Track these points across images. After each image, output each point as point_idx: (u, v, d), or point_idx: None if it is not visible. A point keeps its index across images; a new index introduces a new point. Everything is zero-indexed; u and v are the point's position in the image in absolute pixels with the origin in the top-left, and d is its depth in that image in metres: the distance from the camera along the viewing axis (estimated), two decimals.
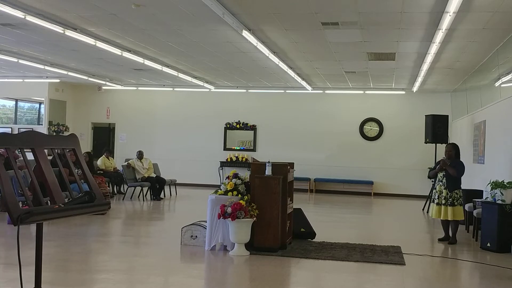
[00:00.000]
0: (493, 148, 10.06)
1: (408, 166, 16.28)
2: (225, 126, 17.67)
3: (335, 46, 10.16)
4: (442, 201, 8.17)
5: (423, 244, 8.27)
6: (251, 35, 9.09)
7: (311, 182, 16.82)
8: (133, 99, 18.18)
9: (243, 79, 15.43)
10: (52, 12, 8.27)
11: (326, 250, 7.21)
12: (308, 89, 16.25)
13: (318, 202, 14.68)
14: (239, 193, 6.99)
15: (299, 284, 5.83)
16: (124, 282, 5.60)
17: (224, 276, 6.20)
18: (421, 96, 16.18)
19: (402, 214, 12.52)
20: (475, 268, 6.76)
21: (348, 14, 7.93)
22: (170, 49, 11.06)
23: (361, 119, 16.88)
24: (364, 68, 12.58)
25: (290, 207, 7.58)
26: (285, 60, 11.89)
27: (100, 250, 7.26)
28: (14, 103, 18.25)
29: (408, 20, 8.17)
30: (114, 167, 14.48)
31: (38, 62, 13.11)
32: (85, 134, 18.13)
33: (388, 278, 6.00)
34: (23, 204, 7.50)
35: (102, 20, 8.63)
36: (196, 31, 9.33)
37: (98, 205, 3.07)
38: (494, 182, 7.82)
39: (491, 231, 7.61)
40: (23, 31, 9.66)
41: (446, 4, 7.04)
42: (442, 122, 12.98)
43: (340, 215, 12.01)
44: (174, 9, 7.84)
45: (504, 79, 10.21)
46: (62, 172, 3.21)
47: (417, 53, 10.59)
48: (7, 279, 5.45)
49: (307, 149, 16.78)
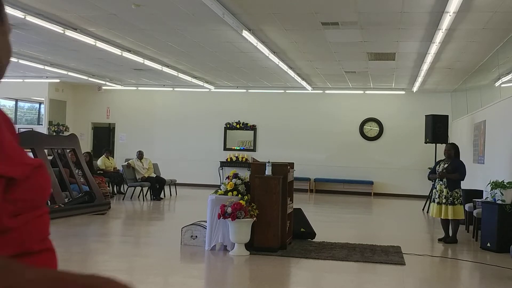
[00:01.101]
0: (493, 148, 10.06)
1: (408, 166, 16.28)
2: (225, 126, 17.66)
3: (335, 46, 10.16)
4: (443, 200, 8.17)
5: (423, 244, 8.27)
6: (251, 35, 9.09)
7: (311, 182, 16.82)
8: (133, 99, 18.18)
9: (243, 79, 15.43)
10: (52, 12, 8.27)
11: (326, 250, 7.21)
12: (308, 89, 16.25)
13: (318, 202, 14.68)
14: (239, 193, 6.99)
15: (299, 284, 5.83)
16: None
17: (224, 276, 6.20)
18: (421, 96, 16.18)
19: (402, 214, 12.52)
20: (475, 268, 6.76)
21: (348, 14, 7.93)
22: (170, 49, 11.06)
23: (361, 119, 16.88)
24: (364, 68, 12.58)
25: (290, 207, 7.58)
26: (285, 60, 11.89)
27: (100, 250, 7.26)
28: (14, 103, 18.26)
29: (408, 20, 8.17)
30: (114, 167, 14.48)
31: (38, 62, 13.12)
32: (85, 134, 18.12)
33: (388, 278, 6.00)
34: None
35: (102, 20, 8.64)
36: (196, 31, 9.33)
37: (98, 205, 3.08)
38: (494, 182, 7.82)
39: (491, 231, 7.61)
40: (23, 31, 9.66)
41: (446, 4, 7.04)
42: (442, 122, 12.97)
43: (340, 215, 12.01)
44: (174, 9, 7.84)
45: (504, 79, 10.21)
46: (62, 172, 3.21)
47: (417, 53, 10.59)
48: None
49: (307, 149, 16.77)
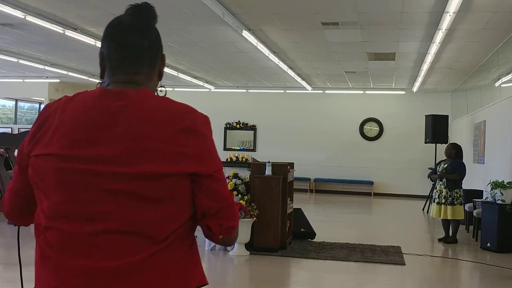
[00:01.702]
0: (493, 148, 10.06)
1: (408, 166, 16.27)
2: (225, 126, 17.66)
3: (335, 46, 10.16)
4: (442, 200, 8.17)
5: (423, 244, 8.27)
6: (251, 35, 9.09)
7: (311, 182, 16.82)
8: None
9: (243, 79, 15.43)
10: (52, 12, 8.27)
11: (326, 250, 7.21)
12: (308, 89, 16.25)
13: (318, 202, 14.68)
14: (239, 193, 6.99)
15: (299, 284, 5.83)
16: None
17: (224, 276, 6.20)
18: (421, 96, 16.17)
19: (402, 214, 12.52)
20: (475, 268, 6.76)
21: (348, 14, 7.93)
22: (170, 49, 11.05)
23: (361, 119, 16.88)
24: (364, 68, 12.57)
25: (290, 207, 7.58)
26: (285, 60, 11.89)
27: None
28: (14, 103, 18.26)
29: (408, 20, 8.17)
30: None
31: (38, 62, 13.11)
32: None
33: (388, 278, 6.00)
34: None
35: (102, 20, 8.63)
36: (196, 31, 9.33)
37: None
38: (494, 182, 7.82)
39: (491, 231, 7.61)
40: (23, 31, 9.66)
41: (446, 4, 7.04)
42: (442, 122, 12.98)
43: (340, 215, 12.01)
44: (174, 9, 7.84)
45: (504, 79, 10.22)
46: None
47: (417, 53, 10.58)
48: (7, 279, 5.46)
49: (307, 149, 16.77)
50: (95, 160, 1.32)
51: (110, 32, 1.46)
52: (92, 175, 1.32)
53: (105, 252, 1.32)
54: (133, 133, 1.32)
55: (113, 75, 1.43)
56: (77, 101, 1.40)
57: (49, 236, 1.36)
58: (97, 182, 1.32)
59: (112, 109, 1.35)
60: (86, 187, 1.32)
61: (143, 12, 1.48)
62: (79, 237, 1.32)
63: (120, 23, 1.46)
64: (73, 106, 1.39)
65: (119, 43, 1.44)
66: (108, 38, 1.45)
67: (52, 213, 1.35)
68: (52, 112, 1.40)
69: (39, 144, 1.38)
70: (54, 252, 1.35)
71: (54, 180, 1.34)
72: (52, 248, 1.35)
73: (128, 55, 1.43)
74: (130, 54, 1.43)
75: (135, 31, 1.44)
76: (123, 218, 1.32)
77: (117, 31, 1.45)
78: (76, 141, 1.34)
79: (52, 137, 1.36)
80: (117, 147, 1.31)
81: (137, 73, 1.43)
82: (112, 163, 1.31)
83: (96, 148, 1.32)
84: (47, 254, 1.36)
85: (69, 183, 1.33)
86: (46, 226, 1.37)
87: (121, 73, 1.43)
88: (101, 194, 1.32)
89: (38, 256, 1.39)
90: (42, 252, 1.38)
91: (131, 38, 1.43)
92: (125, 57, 1.43)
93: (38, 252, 1.40)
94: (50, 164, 1.35)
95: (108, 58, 1.45)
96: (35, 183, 1.40)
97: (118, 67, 1.43)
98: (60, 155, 1.34)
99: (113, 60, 1.44)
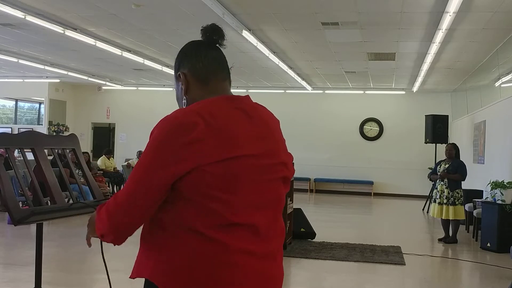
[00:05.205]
0: (493, 148, 10.06)
1: (408, 166, 16.27)
2: None
3: (335, 46, 10.16)
4: (444, 200, 8.17)
5: (423, 244, 8.27)
6: (251, 35, 9.09)
7: (311, 182, 16.82)
8: (133, 99, 18.17)
9: (243, 79, 15.42)
10: (52, 12, 8.27)
11: (326, 250, 7.21)
12: (308, 89, 16.25)
13: (318, 202, 14.68)
14: None
15: (299, 284, 5.82)
16: (124, 282, 5.58)
17: None
18: (421, 96, 16.18)
19: (402, 214, 12.52)
20: (475, 268, 6.76)
21: (348, 14, 7.93)
22: (170, 49, 11.05)
23: (361, 119, 16.87)
24: (364, 68, 12.58)
25: (290, 207, 7.58)
26: (285, 60, 11.89)
27: (100, 250, 7.25)
28: (14, 103, 18.25)
29: (408, 20, 8.17)
30: (114, 167, 14.48)
31: (38, 62, 13.11)
32: (85, 134, 18.11)
33: (388, 278, 6.00)
34: (23, 204, 7.49)
35: (102, 20, 8.63)
36: (196, 31, 9.17)
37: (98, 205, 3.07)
38: (494, 182, 7.82)
39: (491, 231, 7.61)
40: (23, 31, 9.66)
41: (446, 4, 7.04)
42: (442, 122, 12.98)
43: (340, 215, 12.01)
44: (174, 9, 7.84)
45: (504, 79, 10.22)
46: (62, 172, 3.21)
47: (417, 53, 10.58)
48: (7, 279, 5.45)
49: (307, 149, 16.76)
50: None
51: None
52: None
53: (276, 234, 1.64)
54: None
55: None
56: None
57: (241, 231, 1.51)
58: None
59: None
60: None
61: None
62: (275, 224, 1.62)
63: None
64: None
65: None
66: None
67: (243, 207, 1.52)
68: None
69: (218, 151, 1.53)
70: (253, 244, 1.51)
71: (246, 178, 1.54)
72: (249, 240, 1.51)
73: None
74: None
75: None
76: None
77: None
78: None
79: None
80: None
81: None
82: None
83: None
84: (239, 248, 1.48)
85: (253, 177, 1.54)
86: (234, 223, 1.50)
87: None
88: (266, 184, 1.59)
89: (212, 257, 1.47)
90: (227, 249, 1.47)
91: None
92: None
93: (212, 252, 1.47)
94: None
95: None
96: (215, 187, 1.48)
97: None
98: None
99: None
